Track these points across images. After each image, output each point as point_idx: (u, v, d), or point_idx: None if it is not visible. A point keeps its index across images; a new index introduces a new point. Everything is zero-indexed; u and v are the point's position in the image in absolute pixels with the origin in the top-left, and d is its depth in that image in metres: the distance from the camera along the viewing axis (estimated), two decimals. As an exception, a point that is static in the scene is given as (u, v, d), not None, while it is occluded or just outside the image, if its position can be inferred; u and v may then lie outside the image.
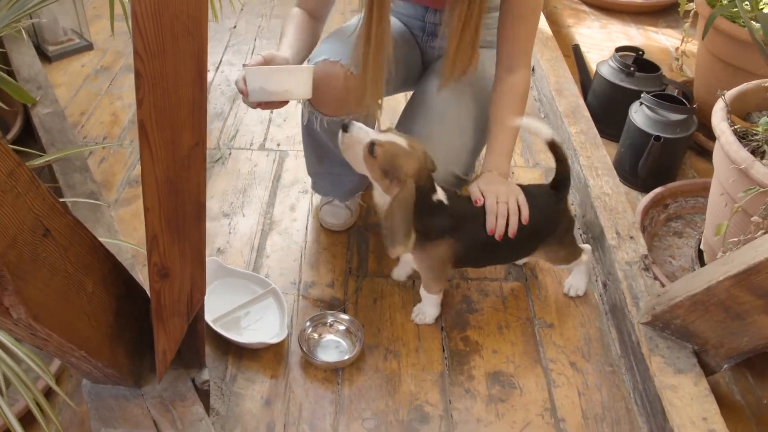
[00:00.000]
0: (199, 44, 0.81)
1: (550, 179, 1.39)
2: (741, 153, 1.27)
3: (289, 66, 1.29)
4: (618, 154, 1.90)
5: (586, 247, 1.48)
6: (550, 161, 1.93)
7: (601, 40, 2.58)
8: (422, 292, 1.41)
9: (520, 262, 1.58)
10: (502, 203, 1.30)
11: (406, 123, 1.46)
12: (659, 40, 2.61)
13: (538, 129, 1.31)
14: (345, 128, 1.26)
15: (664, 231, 1.73)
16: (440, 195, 1.27)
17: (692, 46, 2.20)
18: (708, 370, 1.30)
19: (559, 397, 1.31)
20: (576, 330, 1.45)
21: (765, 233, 1.22)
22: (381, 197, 1.28)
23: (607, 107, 2.01)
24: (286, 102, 1.28)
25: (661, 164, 1.78)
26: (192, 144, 0.88)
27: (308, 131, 1.49)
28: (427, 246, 1.29)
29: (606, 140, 2.03)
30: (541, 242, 1.38)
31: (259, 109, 1.33)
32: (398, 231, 1.20)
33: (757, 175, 1.23)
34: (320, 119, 1.40)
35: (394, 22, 1.54)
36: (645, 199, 1.70)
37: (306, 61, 1.40)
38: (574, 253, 1.45)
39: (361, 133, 1.24)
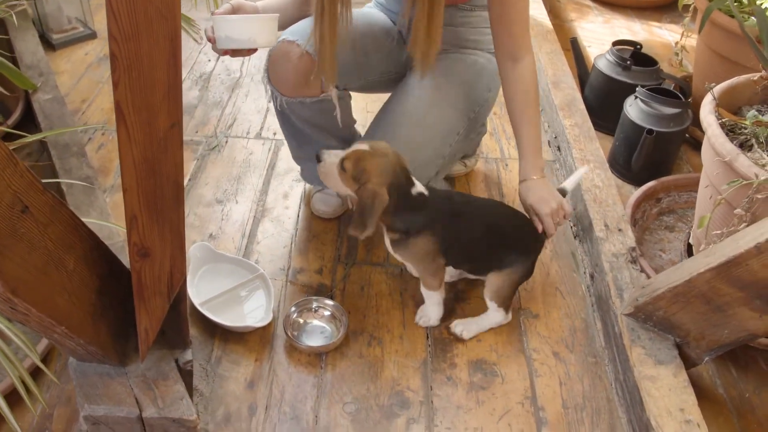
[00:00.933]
0: (173, 27, 0.83)
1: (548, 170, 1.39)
2: (726, 145, 1.27)
3: (254, 15, 1.31)
4: (612, 147, 1.90)
5: (510, 315, 1.42)
6: (544, 154, 1.94)
7: (603, 35, 2.57)
8: (423, 290, 1.39)
9: (478, 276, 1.48)
10: (555, 213, 1.35)
11: (375, 125, 1.48)
12: (662, 36, 2.60)
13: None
14: (318, 159, 1.30)
15: (656, 225, 1.72)
16: (420, 188, 1.27)
17: (692, 40, 2.19)
18: (690, 363, 1.31)
19: (541, 386, 1.32)
20: (561, 321, 1.45)
21: (747, 226, 1.22)
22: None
23: (603, 101, 2.01)
24: (255, 50, 1.30)
25: (654, 158, 1.78)
26: (168, 126, 0.90)
27: (282, 116, 1.52)
28: (410, 242, 1.29)
29: (602, 134, 2.03)
30: (510, 264, 1.35)
31: (228, 57, 1.38)
32: (356, 221, 1.22)
33: (741, 167, 1.23)
34: (279, 99, 1.45)
35: (379, 15, 1.56)
36: (637, 192, 1.70)
37: None
38: (503, 299, 1.38)
39: (332, 157, 1.27)
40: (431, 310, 1.41)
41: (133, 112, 0.86)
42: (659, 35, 2.61)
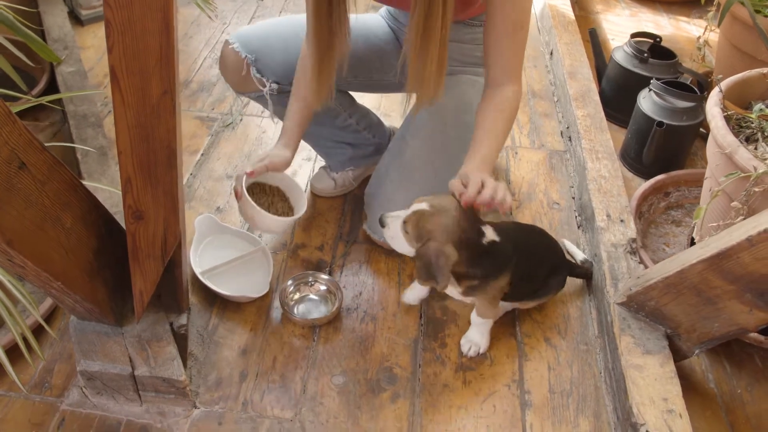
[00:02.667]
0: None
1: (553, 159, 1.39)
2: (727, 137, 1.25)
3: (279, 219, 1.39)
4: (625, 140, 1.88)
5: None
6: (556, 144, 1.93)
7: (628, 28, 2.53)
8: (474, 318, 1.34)
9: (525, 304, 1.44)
10: (485, 186, 1.17)
11: (385, 173, 1.49)
12: (689, 30, 2.55)
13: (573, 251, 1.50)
14: (382, 224, 1.25)
15: (663, 219, 1.71)
16: (490, 235, 1.21)
17: (716, 35, 2.14)
18: (680, 355, 1.30)
19: (529, 370, 1.33)
20: (556, 308, 1.46)
21: (744, 219, 1.20)
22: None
23: (619, 93, 1.99)
24: None
25: (665, 151, 1.76)
26: (160, 92, 0.93)
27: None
28: (490, 284, 1.25)
29: (617, 126, 2.02)
30: (557, 286, 1.42)
31: None
32: (421, 277, 1.18)
33: (741, 160, 1.21)
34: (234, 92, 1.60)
35: (383, 24, 1.57)
36: (644, 185, 1.69)
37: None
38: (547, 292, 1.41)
39: (395, 221, 1.22)
40: (480, 339, 1.35)
41: (126, 77, 0.89)
42: (686, 30, 2.56)
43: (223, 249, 1.51)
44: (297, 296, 1.43)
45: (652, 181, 1.70)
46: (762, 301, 1.14)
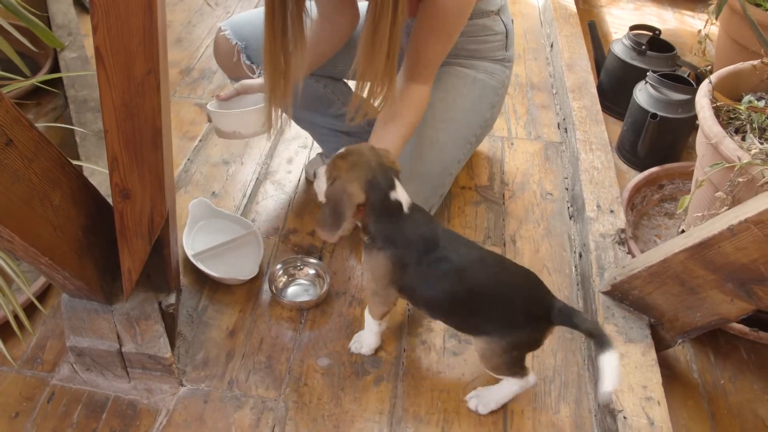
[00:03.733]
0: (147, -23, 0.88)
1: (548, 151, 1.40)
2: (714, 128, 1.25)
3: (236, 111, 1.37)
4: (621, 132, 1.88)
5: (531, 378, 1.21)
6: (552, 135, 1.94)
7: (631, 21, 2.51)
8: (366, 313, 1.29)
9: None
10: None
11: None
12: (693, 25, 2.54)
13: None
14: (315, 177, 1.21)
15: (656, 211, 1.71)
16: (400, 196, 1.13)
17: (717, 29, 2.13)
18: (663, 344, 1.31)
19: (513, 356, 1.34)
20: (543, 297, 1.46)
21: (728, 209, 1.20)
22: None
23: (617, 85, 1.99)
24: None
25: (661, 144, 1.76)
26: (145, 72, 0.95)
27: None
28: (373, 252, 1.16)
29: (615, 119, 2.02)
30: (492, 333, 1.14)
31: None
32: (324, 220, 1.13)
33: (726, 150, 1.21)
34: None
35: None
36: (638, 177, 1.69)
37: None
38: (495, 367, 1.18)
39: (321, 170, 1.17)
40: (366, 337, 1.31)
41: (111, 55, 0.91)
42: (690, 24, 2.55)
43: (215, 233, 1.53)
44: (286, 279, 1.45)
45: (646, 173, 1.70)
46: (743, 291, 1.15)
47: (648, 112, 1.73)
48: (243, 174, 1.75)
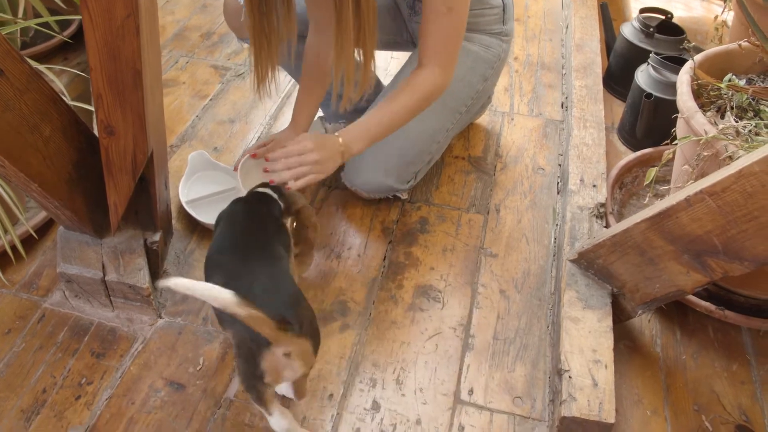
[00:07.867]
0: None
1: (547, 128, 1.43)
2: (688, 103, 1.26)
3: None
4: (622, 113, 1.89)
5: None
6: (554, 114, 1.95)
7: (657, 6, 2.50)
8: None
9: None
10: (296, 154, 1.26)
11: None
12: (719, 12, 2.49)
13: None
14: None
15: (646, 191, 1.71)
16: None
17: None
18: (625, 315, 1.33)
19: (478, 317, 1.39)
20: (518, 264, 1.50)
21: (693, 182, 1.22)
22: None
23: (624, 67, 1.98)
24: None
25: (657, 125, 1.75)
26: (124, 15, 1.03)
27: None
28: None
29: (621, 101, 2.01)
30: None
31: None
32: None
33: (696, 124, 1.22)
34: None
35: None
36: (630, 156, 1.69)
37: None
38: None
39: None
40: None
41: (93, -3, 0.99)
42: (717, 12, 2.50)
43: (211, 184, 1.62)
44: (270, 230, 1.53)
45: (638, 153, 1.70)
46: (697, 263, 1.16)
47: (644, 92, 1.73)
48: (245, 132, 1.83)
